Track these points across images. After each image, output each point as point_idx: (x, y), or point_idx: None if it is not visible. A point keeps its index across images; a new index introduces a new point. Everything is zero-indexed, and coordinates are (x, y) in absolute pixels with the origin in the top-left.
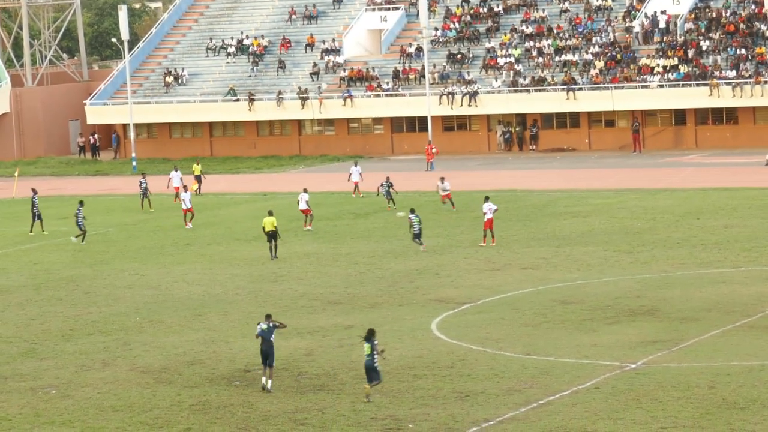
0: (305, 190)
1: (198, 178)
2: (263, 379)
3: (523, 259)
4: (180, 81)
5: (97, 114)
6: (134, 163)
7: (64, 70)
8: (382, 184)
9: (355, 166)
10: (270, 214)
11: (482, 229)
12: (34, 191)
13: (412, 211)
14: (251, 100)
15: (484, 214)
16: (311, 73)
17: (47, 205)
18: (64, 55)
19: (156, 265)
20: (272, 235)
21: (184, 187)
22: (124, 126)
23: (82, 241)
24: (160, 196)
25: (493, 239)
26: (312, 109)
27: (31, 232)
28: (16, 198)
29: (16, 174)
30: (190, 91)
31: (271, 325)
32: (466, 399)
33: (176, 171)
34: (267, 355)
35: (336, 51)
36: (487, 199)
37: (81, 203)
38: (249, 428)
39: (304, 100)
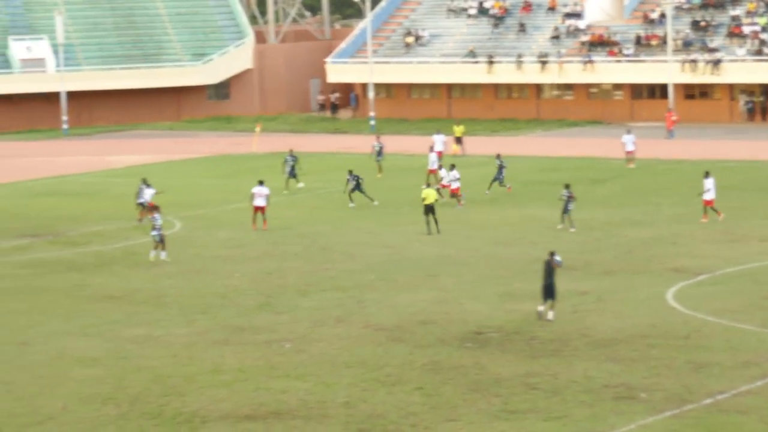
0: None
1: (459, 140)
2: (541, 308)
3: (762, 231)
4: (420, 42)
5: (338, 72)
6: (372, 123)
7: (306, 28)
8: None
9: (437, 133)
10: (429, 186)
11: (703, 205)
12: (291, 153)
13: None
14: (490, 63)
15: (707, 191)
16: (552, 37)
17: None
18: (307, 13)
19: (391, 224)
20: (430, 209)
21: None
22: (364, 85)
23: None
24: (395, 156)
25: (718, 213)
26: (551, 73)
27: (285, 190)
28: (256, 153)
29: (258, 129)
30: (429, 52)
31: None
32: (701, 370)
33: (438, 134)
34: (549, 290)
35: (577, 15)
36: (707, 174)
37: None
38: (480, 390)
39: (543, 63)
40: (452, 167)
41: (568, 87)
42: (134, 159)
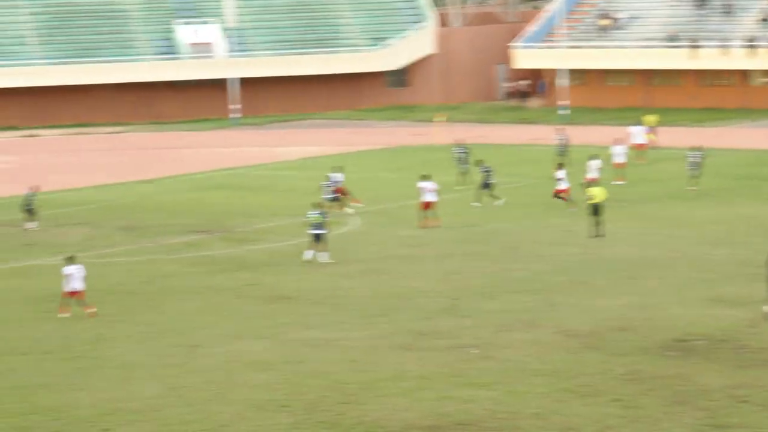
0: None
1: (651, 130)
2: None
3: None
4: (616, 24)
5: (526, 58)
6: (563, 112)
7: (492, 11)
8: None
9: (636, 125)
10: (595, 185)
11: None
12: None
13: None
14: (694, 47)
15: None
16: (761, 19)
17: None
18: None
19: (585, 222)
20: (598, 208)
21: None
22: (554, 72)
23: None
24: (588, 147)
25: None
26: (761, 58)
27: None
28: (436, 144)
29: (440, 119)
30: (626, 35)
31: None
32: None
33: (638, 125)
34: None
35: None
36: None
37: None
38: (684, 402)
39: (752, 48)
40: (560, 166)
41: None
42: (308, 150)
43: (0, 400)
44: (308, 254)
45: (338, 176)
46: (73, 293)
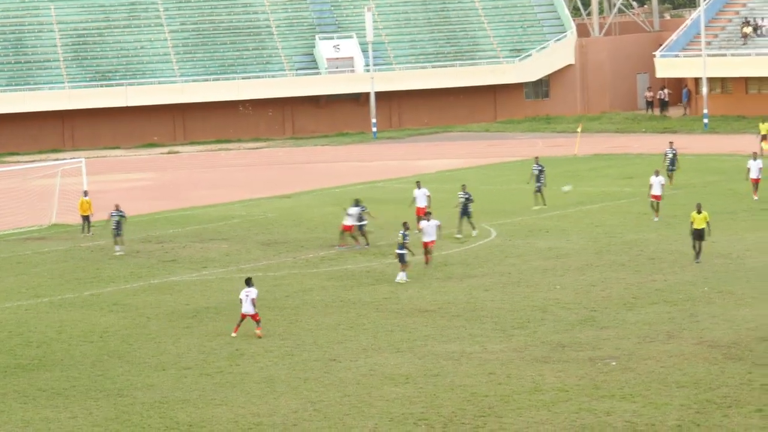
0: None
1: (765, 138)
2: None
3: None
4: (759, 32)
5: (668, 67)
6: (706, 121)
7: (634, 20)
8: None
9: None
10: (698, 209)
11: None
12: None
13: None
14: None
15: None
16: None
17: (610, 163)
18: (634, 3)
19: (727, 231)
20: (699, 235)
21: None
22: (696, 80)
23: None
24: (732, 156)
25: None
26: None
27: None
28: (578, 155)
29: (578, 130)
30: None
31: None
32: None
33: None
34: None
35: None
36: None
37: None
38: None
39: None
40: (657, 173)
41: None
42: (446, 163)
43: (140, 415)
44: (399, 276)
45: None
46: (243, 315)
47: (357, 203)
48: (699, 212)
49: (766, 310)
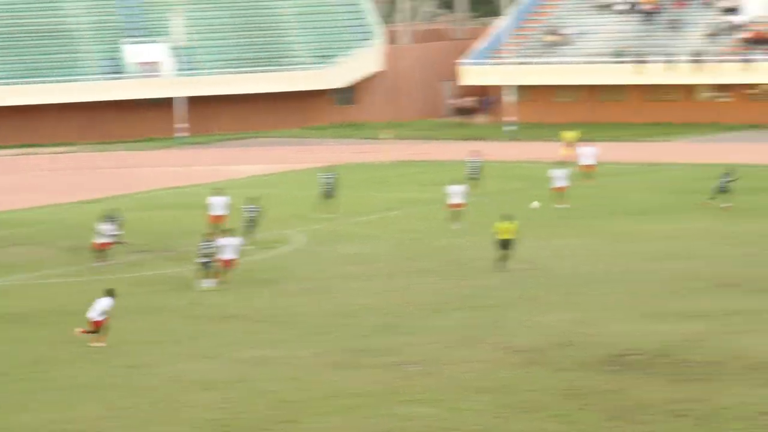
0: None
1: (570, 145)
2: None
3: None
4: (563, 41)
5: (473, 74)
6: (508, 128)
7: (440, 27)
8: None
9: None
10: (507, 219)
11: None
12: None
13: None
14: (640, 63)
15: None
16: (707, 34)
17: (416, 170)
18: (441, 11)
19: (531, 237)
20: (505, 245)
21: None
22: (501, 88)
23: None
24: (536, 164)
25: None
26: (706, 73)
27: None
28: (385, 162)
29: (386, 136)
30: (573, 51)
31: None
32: None
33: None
34: None
35: (736, 10)
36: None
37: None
38: (623, 417)
39: (698, 63)
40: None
41: (725, 88)
42: (255, 169)
43: None
44: (206, 283)
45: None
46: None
47: (110, 218)
48: (506, 222)
49: (568, 316)
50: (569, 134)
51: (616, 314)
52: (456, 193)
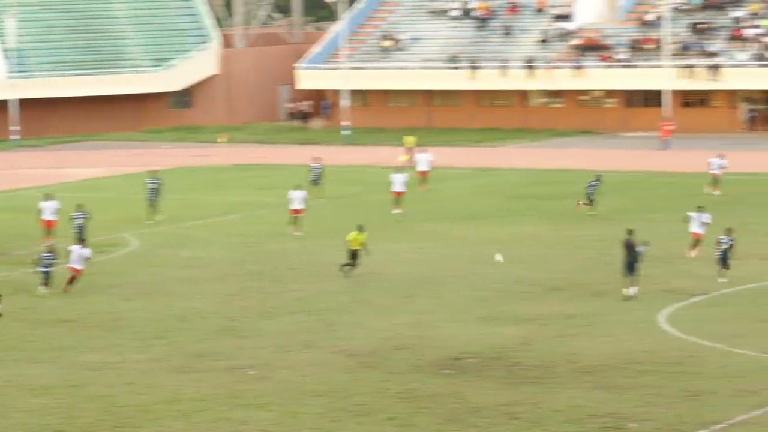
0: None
1: (410, 151)
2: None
3: (763, 249)
4: (398, 46)
5: (309, 79)
6: (345, 133)
7: (276, 32)
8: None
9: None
10: (359, 230)
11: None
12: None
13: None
14: (474, 68)
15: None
16: (540, 41)
17: (252, 174)
18: (277, 15)
19: (367, 242)
20: (354, 255)
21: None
22: (337, 92)
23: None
24: (371, 168)
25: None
26: (539, 79)
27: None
28: (222, 166)
29: (222, 140)
30: (408, 56)
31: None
32: (695, 399)
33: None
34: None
35: (568, 17)
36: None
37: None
38: (457, 420)
39: (530, 69)
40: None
41: (557, 94)
42: (90, 172)
43: None
44: (42, 289)
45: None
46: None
47: None
48: (358, 232)
49: (402, 320)
50: (410, 139)
51: (451, 318)
52: (297, 199)
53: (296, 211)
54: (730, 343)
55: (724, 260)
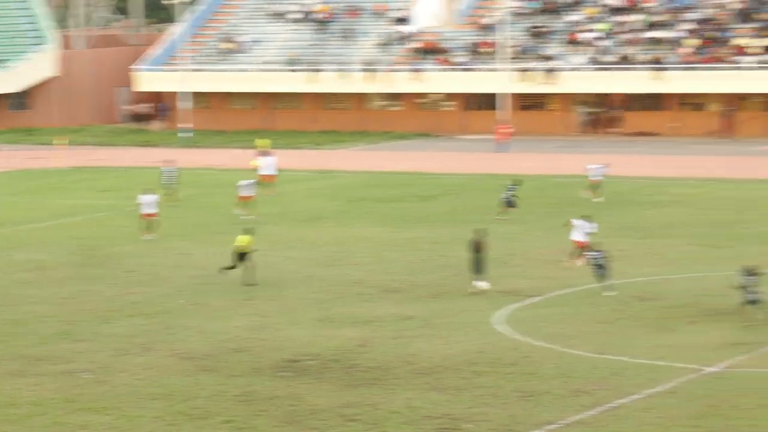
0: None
1: (264, 154)
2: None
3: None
4: (239, 48)
5: (148, 81)
6: (186, 135)
7: (115, 33)
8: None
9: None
10: (247, 232)
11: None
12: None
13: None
14: (314, 71)
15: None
16: (379, 44)
17: (90, 176)
18: (117, 17)
19: (204, 244)
20: (241, 257)
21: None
22: (177, 95)
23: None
24: (211, 170)
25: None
26: (378, 82)
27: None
28: (60, 168)
29: (60, 142)
30: (249, 59)
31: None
32: (530, 399)
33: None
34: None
35: (407, 21)
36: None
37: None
38: (295, 422)
39: (370, 72)
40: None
41: (396, 97)
42: None
43: None
44: None
45: None
46: None
47: None
48: (245, 235)
49: (240, 322)
50: (263, 142)
51: (290, 320)
52: (148, 203)
53: (148, 215)
54: (565, 343)
55: (600, 272)
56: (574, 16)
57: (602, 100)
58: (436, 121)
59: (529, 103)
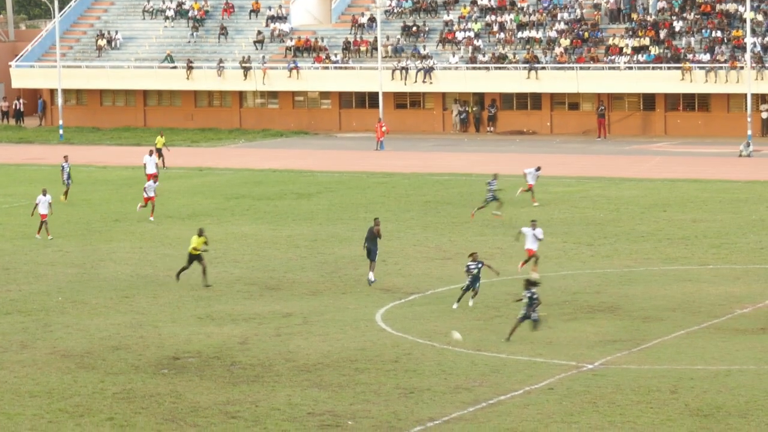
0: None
1: (159, 152)
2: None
3: (476, 249)
4: (113, 45)
5: (23, 77)
6: (61, 132)
7: None
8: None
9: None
10: (199, 233)
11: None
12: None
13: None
14: (189, 68)
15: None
16: (255, 42)
17: None
18: None
19: (81, 241)
20: (196, 258)
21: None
22: (52, 91)
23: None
24: (88, 167)
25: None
26: (255, 80)
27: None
28: None
29: None
30: (123, 56)
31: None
32: (411, 396)
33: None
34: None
35: (282, 18)
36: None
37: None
38: (176, 419)
39: (246, 69)
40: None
41: (273, 95)
42: None
43: None
44: None
45: None
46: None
47: None
48: (199, 236)
49: (117, 320)
50: (160, 139)
51: (170, 317)
52: (43, 203)
53: (44, 216)
54: (445, 340)
55: (475, 284)
56: (449, 16)
57: (478, 99)
58: (313, 119)
59: (404, 101)
